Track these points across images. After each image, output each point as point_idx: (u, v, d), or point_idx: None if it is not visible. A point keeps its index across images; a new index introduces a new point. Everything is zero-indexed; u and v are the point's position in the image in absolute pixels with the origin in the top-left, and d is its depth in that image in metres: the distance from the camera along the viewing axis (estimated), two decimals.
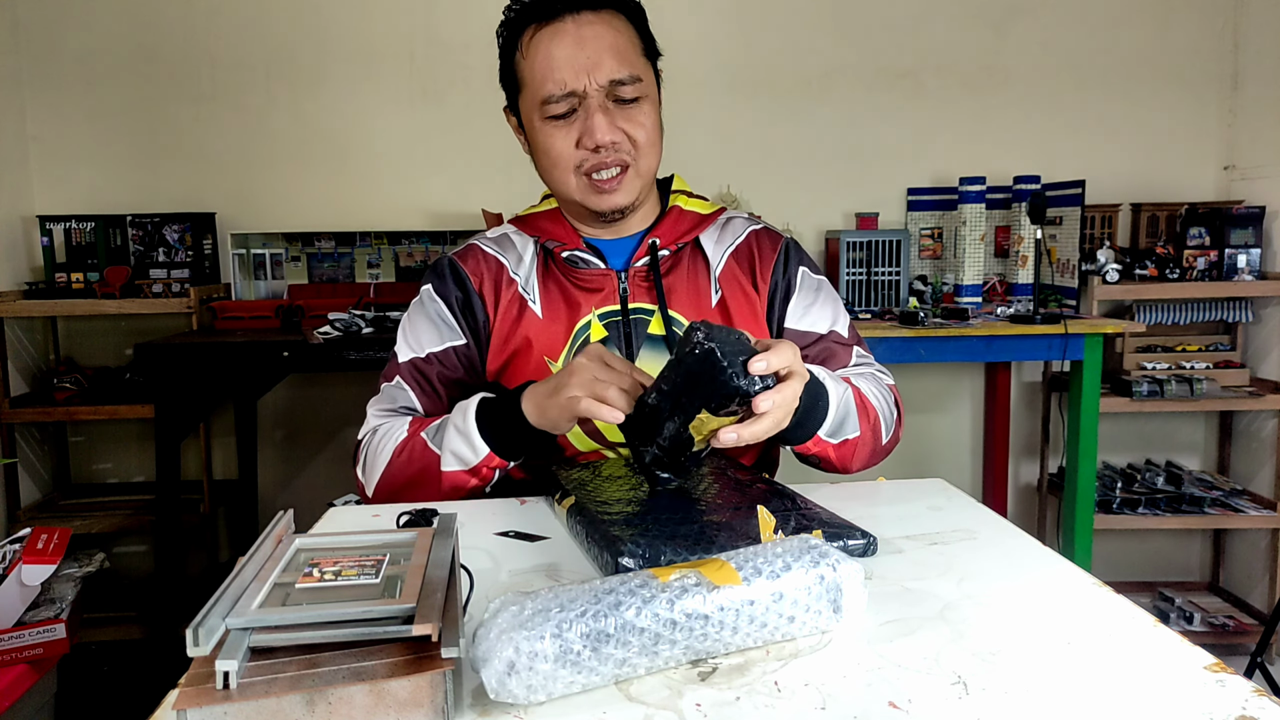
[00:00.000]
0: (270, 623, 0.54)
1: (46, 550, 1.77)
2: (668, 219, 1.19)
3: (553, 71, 1.07)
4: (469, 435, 1.02)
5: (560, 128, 1.10)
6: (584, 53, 1.06)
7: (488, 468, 1.03)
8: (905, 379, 2.89)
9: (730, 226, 1.24)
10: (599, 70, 1.07)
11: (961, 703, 0.56)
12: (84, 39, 2.67)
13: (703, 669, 0.61)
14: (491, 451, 1.02)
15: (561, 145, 1.10)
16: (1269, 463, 2.67)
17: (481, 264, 1.19)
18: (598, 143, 1.08)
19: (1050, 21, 2.78)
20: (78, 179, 2.71)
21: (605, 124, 1.08)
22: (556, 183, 1.15)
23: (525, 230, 1.21)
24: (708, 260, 1.20)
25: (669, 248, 1.17)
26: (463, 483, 1.05)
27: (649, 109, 1.12)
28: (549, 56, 1.07)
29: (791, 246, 1.24)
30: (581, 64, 1.06)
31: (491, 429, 1.02)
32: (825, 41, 2.78)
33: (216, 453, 2.77)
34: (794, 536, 0.68)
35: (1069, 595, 0.72)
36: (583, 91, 1.07)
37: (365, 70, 2.73)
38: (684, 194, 1.24)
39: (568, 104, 1.08)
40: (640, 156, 1.12)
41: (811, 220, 2.82)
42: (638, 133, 1.10)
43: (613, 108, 1.09)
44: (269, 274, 2.70)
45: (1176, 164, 2.82)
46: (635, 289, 1.16)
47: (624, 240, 1.20)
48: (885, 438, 1.13)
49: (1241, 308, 2.68)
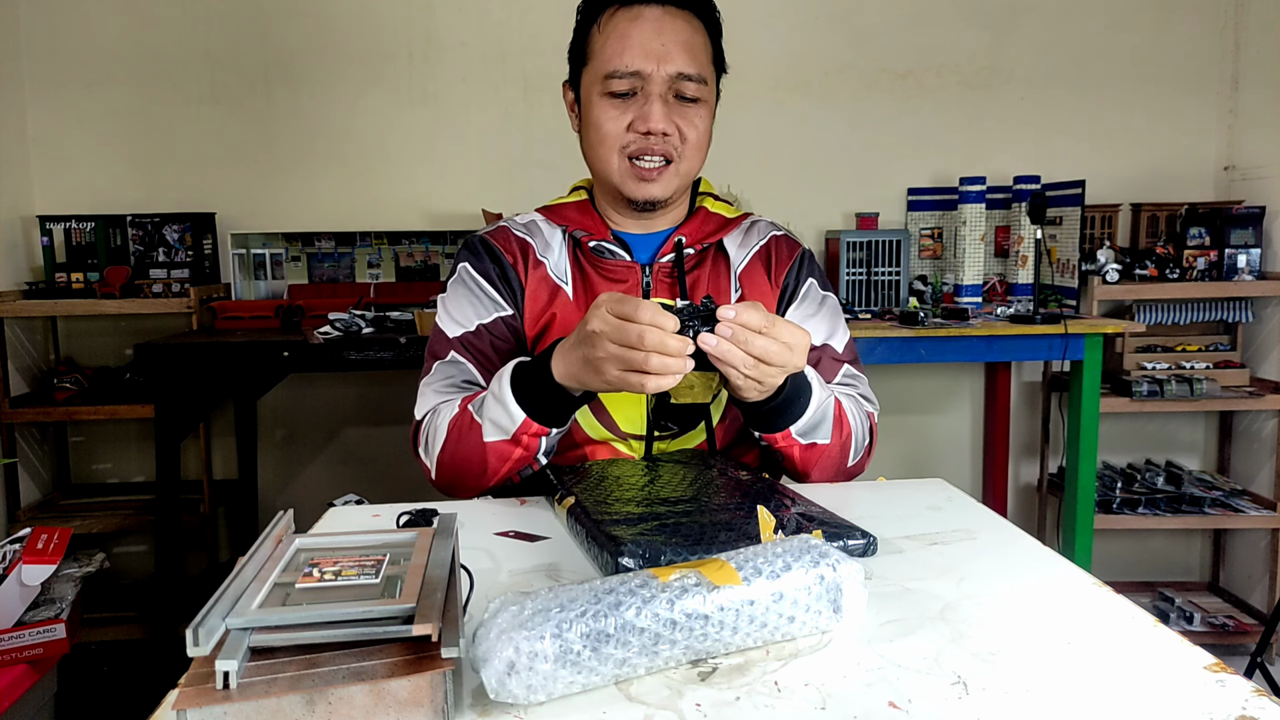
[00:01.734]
0: (270, 623, 0.54)
1: (46, 550, 1.77)
2: (695, 218, 1.22)
3: (625, 50, 1.09)
4: (505, 401, 1.00)
5: (616, 106, 1.12)
6: (659, 40, 1.09)
7: (527, 435, 1.00)
8: (905, 379, 2.89)
9: (754, 230, 1.26)
10: (670, 60, 1.09)
11: (961, 703, 0.56)
12: (84, 39, 2.67)
13: (703, 669, 0.61)
14: (528, 417, 0.99)
15: (613, 124, 1.12)
16: (1269, 463, 2.67)
17: (512, 241, 1.20)
18: (650, 128, 1.10)
19: (1050, 22, 2.78)
20: (78, 179, 2.71)
21: (661, 113, 1.10)
22: (599, 160, 1.15)
23: (553, 219, 1.22)
24: (729, 261, 1.22)
25: (694, 246, 1.19)
26: (506, 453, 1.02)
27: (705, 113, 1.14)
28: (625, 35, 1.10)
29: (807, 257, 1.26)
30: (655, 50, 1.09)
31: (526, 393, 0.99)
32: (825, 41, 2.78)
33: (216, 453, 2.77)
34: (794, 536, 0.68)
35: (1069, 595, 0.72)
36: (648, 76, 1.09)
37: (365, 70, 2.73)
38: (711, 196, 1.26)
39: (630, 84, 1.10)
40: (685, 155, 1.14)
41: (811, 220, 2.82)
42: (690, 131, 1.12)
43: (672, 101, 1.11)
44: (269, 274, 2.70)
45: (1176, 164, 2.82)
46: (658, 284, 1.18)
47: (651, 235, 1.21)
48: (851, 460, 1.12)
49: (1241, 308, 2.68)
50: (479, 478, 1.05)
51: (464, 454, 1.05)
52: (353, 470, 2.85)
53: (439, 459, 1.08)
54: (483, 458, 1.03)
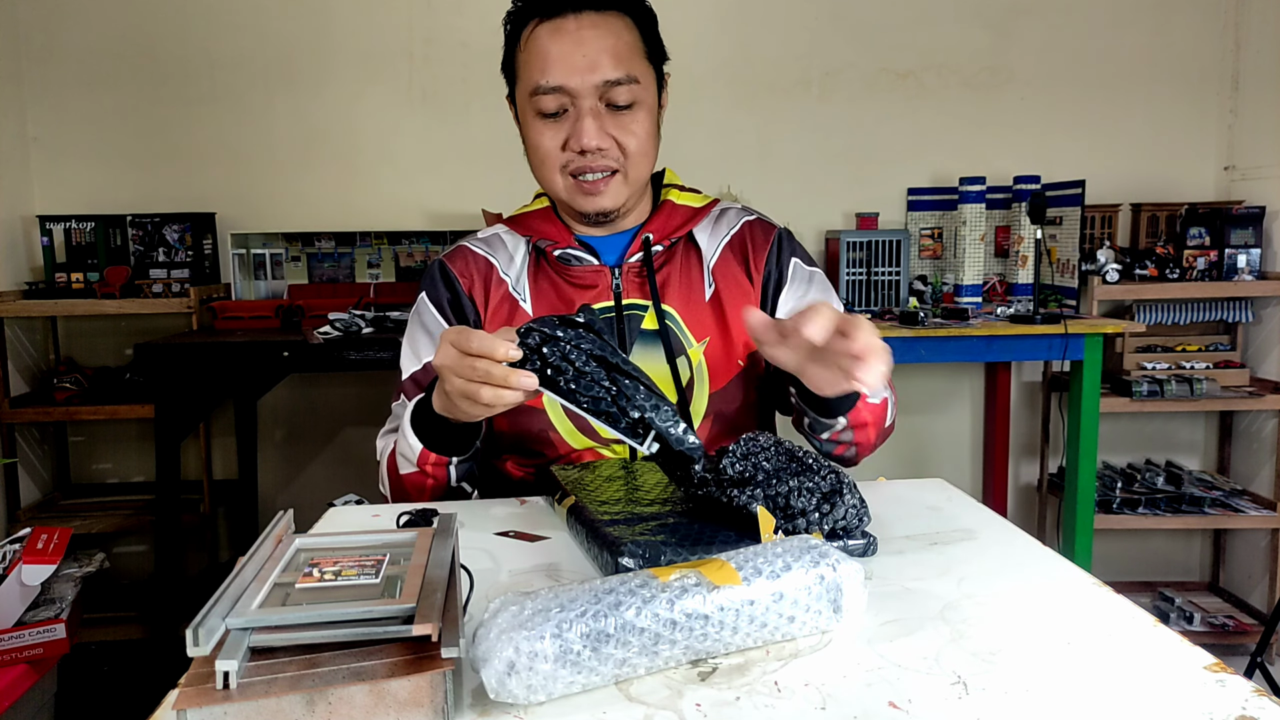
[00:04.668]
0: (270, 623, 0.54)
1: (46, 550, 1.78)
2: (660, 214, 1.19)
3: (547, 67, 1.06)
4: (406, 434, 1.02)
5: (549, 126, 1.09)
6: (580, 51, 1.06)
7: (429, 464, 1.02)
8: (905, 379, 2.89)
9: (724, 218, 1.23)
10: (594, 71, 1.06)
11: (961, 703, 0.56)
12: (84, 39, 2.67)
13: (703, 669, 0.61)
14: (424, 447, 1.01)
15: (549, 144, 1.10)
16: (1269, 463, 2.67)
17: (470, 264, 1.18)
18: (584, 146, 1.07)
19: (1050, 22, 2.78)
20: (78, 179, 2.71)
21: (594, 128, 1.07)
22: (544, 180, 1.14)
23: (518, 230, 1.20)
24: (701, 253, 1.19)
25: (662, 243, 1.17)
26: (420, 483, 1.04)
27: (643, 116, 1.10)
28: (545, 52, 1.07)
29: (784, 236, 1.23)
30: (577, 63, 1.06)
31: (424, 425, 1.00)
32: (825, 41, 2.78)
33: (216, 453, 2.77)
34: (794, 536, 0.68)
35: (1069, 595, 0.72)
36: (575, 91, 1.06)
37: (365, 70, 2.73)
38: (675, 188, 1.22)
39: (558, 102, 1.07)
40: (630, 165, 1.11)
41: (811, 220, 2.82)
42: (628, 140, 1.09)
43: (605, 112, 1.08)
44: (269, 274, 2.70)
45: (1176, 164, 2.82)
46: (629, 285, 1.16)
47: (617, 236, 1.19)
48: (889, 418, 1.14)
49: (1241, 308, 2.68)
50: None
51: (394, 486, 1.09)
52: (353, 470, 2.85)
53: (388, 489, 1.11)
54: (405, 490, 1.06)
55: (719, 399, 1.14)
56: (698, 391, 1.13)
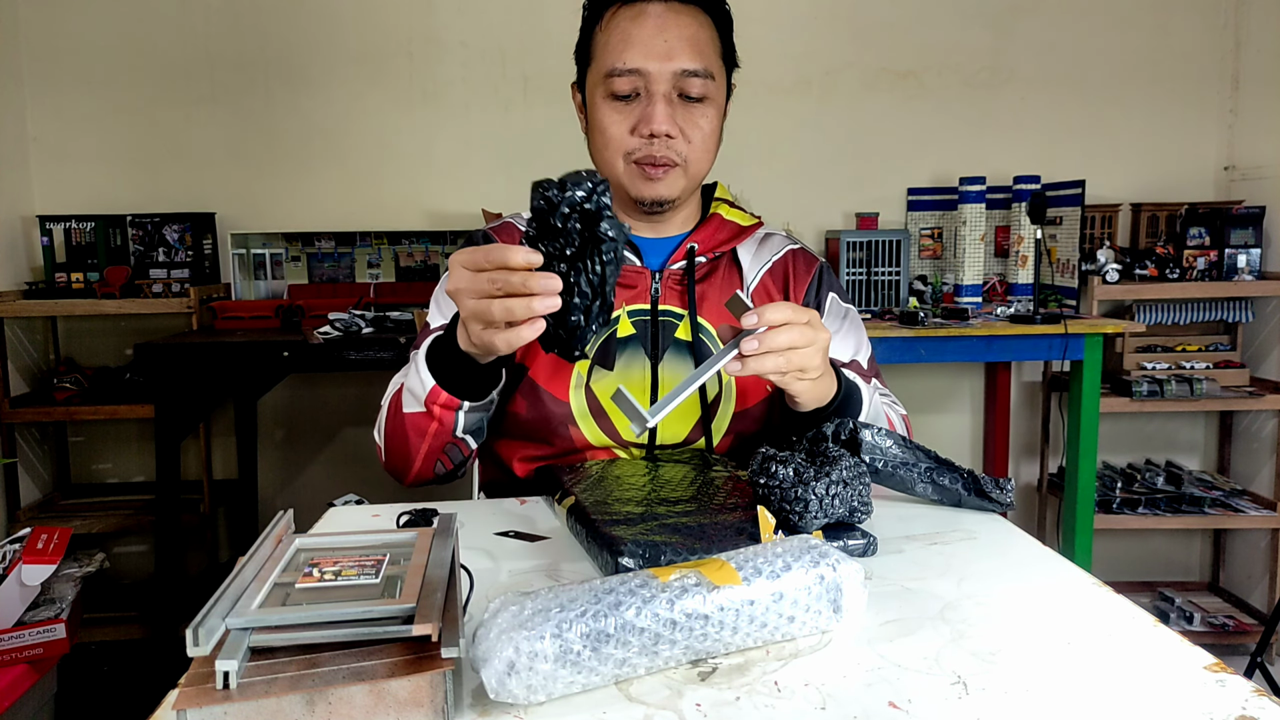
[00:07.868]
0: (270, 623, 0.54)
1: (46, 550, 1.77)
2: (708, 225, 1.18)
3: (626, 49, 1.06)
4: (419, 369, 0.97)
5: (619, 109, 1.09)
6: (661, 37, 1.06)
7: (437, 405, 0.98)
8: (905, 379, 2.89)
9: (768, 243, 1.23)
10: (673, 58, 1.06)
11: (961, 703, 0.56)
12: (84, 39, 2.67)
13: (703, 669, 0.61)
14: (436, 384, 0.97)
15: (617, 128, 1.09)
16: (1269, 463, 2.67)
17: (516, 237, 1.17)
18: (653, 130, 1.07)
19: (1050, 22, 2.78)
20: (78, 179, 2.71)
21: (665, 114, 1.07)
22: (605, 164, 1.13)
23: None
24: (742, 272, 1.19)
25: (706, 255, 1.16)
26: (423, 426, 1.00)
27: (711, 113, 1.11)
28: (626, 34, 1.07)
29: (825, 271, 1.23)
30: (657, 49, 1.06)
31: (439, 362, 0.96)
32: (825, 41, 2.78)
33: (216, 453, 2.77)
34: (794, 536, 0.68)
35: (1069, 595, 0.72)
36: (650, 75, 1.06)
37: (365, 70, 2.73)
38: (726, 203, 1.22)
39: (631, 84, 1.07)
40: (692, 158, 1.11)
41: (811, 220, 2.82)
42: (694, 133, 1.09)
43: (676, 101, 1.08)
44: (269, 274, 2.70)
45: (1176, 164, 2.82)
46: (667, 291, 1.15)
47: (662, 241, 1.19)
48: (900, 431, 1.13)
49: (1241, 308, 2.68)
50: (406, 458, 1.03)
51: (392, 428, 1.04)
52: (353, 470, 2.85)
53: (383, 434, 1.07)
54: (405, 431, 1.01)
55: (742, 419, 1.14)
56: (723, 408, 1.13)
